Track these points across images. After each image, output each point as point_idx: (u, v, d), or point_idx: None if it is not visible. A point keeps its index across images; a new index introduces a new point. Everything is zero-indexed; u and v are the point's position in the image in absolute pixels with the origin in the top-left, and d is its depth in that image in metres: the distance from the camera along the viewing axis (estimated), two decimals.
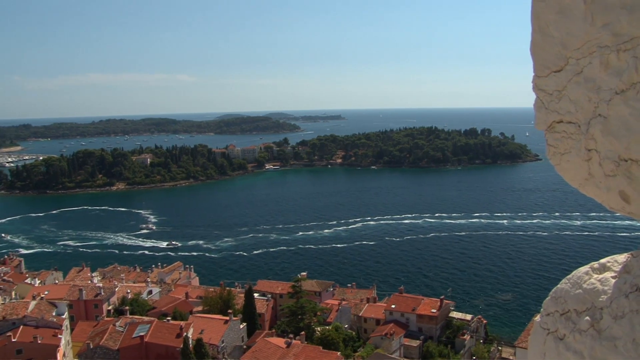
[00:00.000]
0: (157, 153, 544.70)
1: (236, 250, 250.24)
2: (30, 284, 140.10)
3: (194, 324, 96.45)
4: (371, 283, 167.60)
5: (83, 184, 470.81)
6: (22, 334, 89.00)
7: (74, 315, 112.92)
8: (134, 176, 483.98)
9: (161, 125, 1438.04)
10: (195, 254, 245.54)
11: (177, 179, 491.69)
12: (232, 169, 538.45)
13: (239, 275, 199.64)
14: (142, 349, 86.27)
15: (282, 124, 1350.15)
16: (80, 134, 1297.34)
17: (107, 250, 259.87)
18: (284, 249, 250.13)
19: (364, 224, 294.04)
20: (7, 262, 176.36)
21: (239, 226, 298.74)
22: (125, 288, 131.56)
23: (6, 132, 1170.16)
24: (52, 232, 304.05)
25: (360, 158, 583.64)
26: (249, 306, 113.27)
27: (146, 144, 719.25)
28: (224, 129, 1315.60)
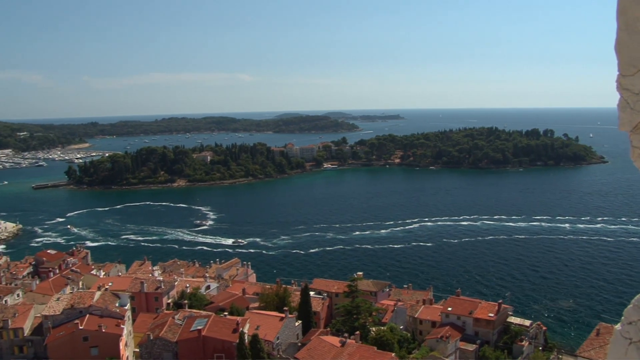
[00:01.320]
0: (217, 151, 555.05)
1: (293, 248, 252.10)
2: (96, 275, 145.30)
3: (250, 320, 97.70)
4: (427, 285, 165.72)
5: (146, 180, 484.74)
6: (88, 322, 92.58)
7: (135, 307, 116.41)
8: (195, 173, 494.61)
9: (221, 124, 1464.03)
10: (252, 251, 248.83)
11: (236, 176, 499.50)
12: (290, 167, 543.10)
13: (296, 273, 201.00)
14: (200, 343, 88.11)
15: (340, 123, 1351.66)
16: (143, 132, 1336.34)
17: (167, 245, 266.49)
18: (340, 248, 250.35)
19: (421, 225, 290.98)
20: (75, 253, 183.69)
21: (296, 224, 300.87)
22: (185, 282, 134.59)
23: (76, 130, 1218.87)
24: (116, 226, 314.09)
25: (418, 158, 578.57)
26: (304, 304, 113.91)
27: (207, 142, 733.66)
28: (283, 127, 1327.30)
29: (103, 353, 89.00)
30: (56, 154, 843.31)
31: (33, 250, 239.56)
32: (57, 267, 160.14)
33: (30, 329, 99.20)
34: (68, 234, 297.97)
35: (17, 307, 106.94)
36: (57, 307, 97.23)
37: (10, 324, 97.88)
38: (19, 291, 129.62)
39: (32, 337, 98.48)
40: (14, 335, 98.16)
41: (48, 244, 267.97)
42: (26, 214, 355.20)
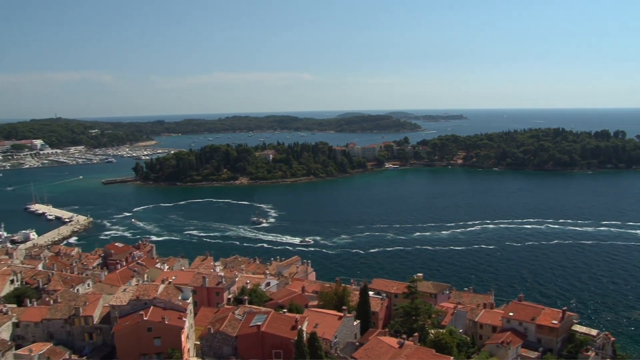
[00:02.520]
0: (279, 149, 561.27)
1: (352, 248, 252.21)
2: (160, 268, 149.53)
3: (309, 318, 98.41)
4: (489, 288, 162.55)
5: (209, 177, 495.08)
6: (152, 314, 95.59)
7: (197, 301, 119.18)
8: (257, 171, 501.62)
9: (284, 123, 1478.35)
10: (312, 250, 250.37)
11: (297, 175, 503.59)
12: (352, 166, 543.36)
13: (355, 273, 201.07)
14: (259, 338, 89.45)
15: (402, 123, 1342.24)
16: (207, 130, 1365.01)
17: (229, 241, 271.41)
18: (400, 249, 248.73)
19: (483, 227, 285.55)
20: (141, 247, 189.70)
21: (356, 224, 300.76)
22: (245, 278, 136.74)
23: (143, 128, 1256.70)
24: (180, 222, 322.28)
25: (481, 159, 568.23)
26: (363, 304, 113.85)
27: (269, 140, 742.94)
28: (345, 127, 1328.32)
29: (165, 344, 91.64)
30: (125, 150, 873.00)
31: (102, 242, 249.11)
32: (124, 260, 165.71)
33: (99, 318, 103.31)
34: (134, 228, 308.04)
35: (88, 296, 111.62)
36: (123, 297, 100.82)
37: (81, 312, 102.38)
38: (89, 281, 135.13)
39: (101, 325, 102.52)
40: (85, 322, 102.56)
41: (116, 237, 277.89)
42: (96, 207, 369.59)
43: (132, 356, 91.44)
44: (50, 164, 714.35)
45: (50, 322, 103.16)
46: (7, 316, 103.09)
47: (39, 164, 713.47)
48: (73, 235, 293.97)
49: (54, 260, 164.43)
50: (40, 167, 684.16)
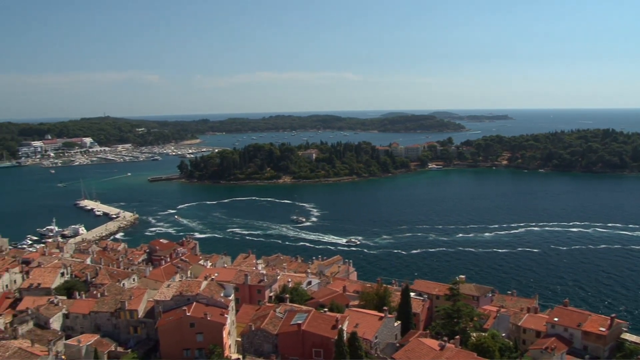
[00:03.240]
0: (322, 149, 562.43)
1: (394, 248, 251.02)
2: (203, 265, 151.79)
3: (350, 318, 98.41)
4: (533, 292, 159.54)
5: (252, 176, 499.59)
6: (195, 310, 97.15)
7: (239, 298, 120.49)
8: (300, 170, 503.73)
9: (327, 122, 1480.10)
10: (354, 249, 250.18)
11: (340, 174, 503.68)
12: (394, 166, 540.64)
13: (396, 273, 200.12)
14: (299, 337, 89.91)
15: (446, 123, 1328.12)
16: (251, 129, 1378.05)
17: (271, 239, 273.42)
18: (442, 250, 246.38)
19: (528, 230, 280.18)
20: (185, 244, 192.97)
21: (398, 224, 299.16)
22: (287, 277, 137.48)
23: (188, 127, 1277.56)
24: (223, 220, 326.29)
25: (527, 160, 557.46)
26: (404, 305, 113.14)
27: (312, 139, 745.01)
28: (388, 126, 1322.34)
29: (207, 340, 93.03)
30: (170, 149, 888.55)
31: (147, 238, 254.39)
32: (168, 256, 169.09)
33: (143, 312, 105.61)
34: (178, 225, 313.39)
35: (133, 290, 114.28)
36: (167, 293, 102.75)
37: (126, 306, 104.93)
38: (135, 276, 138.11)
39: (145, 319, 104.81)
40: (130, 316, 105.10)
41: (160, 233, 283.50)
42: (142, 204, 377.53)
43: (175, 350, 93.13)
44: (98, 161, 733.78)
45: (97, 314, 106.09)
46: (58, 307, 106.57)
47: (88, 161, 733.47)
48: (120, 231, 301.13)
49: (101, 255, 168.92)
50: (90, 164, 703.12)
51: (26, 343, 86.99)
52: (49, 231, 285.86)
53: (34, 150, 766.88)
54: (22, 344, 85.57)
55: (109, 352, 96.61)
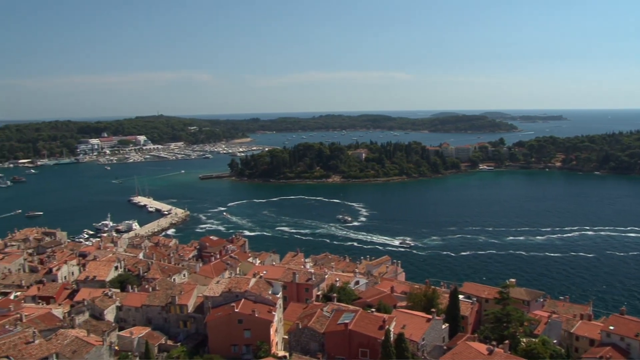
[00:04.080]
0: (372, 148, 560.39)
1: (443, 250, 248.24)
2: (252, 262, 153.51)
3: (397, 319, 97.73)
4: (587, 299, 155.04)
5: (302, 174, 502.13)
6: (243, 307, 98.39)
7: (286, 296, 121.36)
8: (349, 170, 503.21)
9: (377, 122, 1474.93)
10: (402, 250, 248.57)
11: (390, 174, 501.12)
12: (444, 167, 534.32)
13: (445, 275, 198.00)
14: (346, 336, 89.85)
15: (498, 123, 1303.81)
16: (301, 128, 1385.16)
17: (319, 238, 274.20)
18: (492, 253, 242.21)
19: (582, 234, 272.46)
20: (234, 241, 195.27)
21: (447, 225, 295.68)
22: (335, 276, 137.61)
23: (239, 125, 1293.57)
24: (272, 218, 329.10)
25: (582, 162, 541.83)
26: (453, 307, 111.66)
27: (362, 139, 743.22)
28: (439, 126, 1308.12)
29: (255, 336, 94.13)
30: (221, 147, 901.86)
31: (198, 235, 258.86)
32: (218, 253, 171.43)
33: (193, 307, 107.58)
34: (228, 222, 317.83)
35: (183, 285, 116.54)
36: (216, 289, 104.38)
37: (177, 301, 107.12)
38: (185, 272, 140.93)
39: (195, 314, 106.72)
40: (180, 310, 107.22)
41: (211, 230, 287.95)
42: (193, 201, 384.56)
43: (223, 346, 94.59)
44: (152, 158, 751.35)
45: (149, 308, 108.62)
46: (112, 300, 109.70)
47: (142, 158, 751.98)
48: (171, 227, 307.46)
49: (153, 250, 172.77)
50: (143, 161, 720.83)
51: (82, 332, 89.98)
52: (104, 226, 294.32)
53: (91, 147, 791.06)
54: (78, 333, 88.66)
55: (159, 345, 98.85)
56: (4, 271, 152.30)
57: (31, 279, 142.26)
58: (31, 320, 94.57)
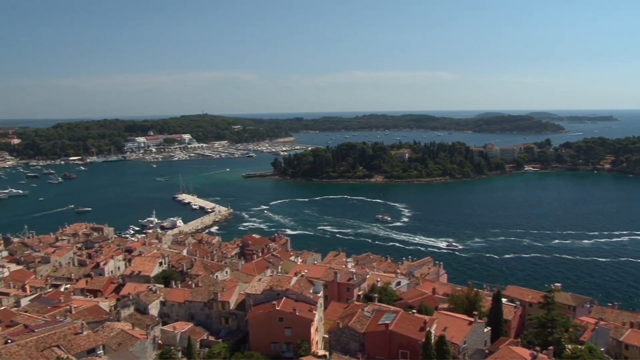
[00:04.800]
0: (415, 149, 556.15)
1: (486, 252, 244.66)
2: (294, 261, 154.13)
3: (438, 320, 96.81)
4: (637, 306, 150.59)
5: (344, 174, 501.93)
6: (284, 305, 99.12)
7: (327, 295, 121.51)
8: (392, 170, 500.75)
9: (420, 122, 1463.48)
10: (445, 251, 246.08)
11: (433, 175, 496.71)
12: (489, 168, 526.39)
13: (488, 278, 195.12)
14: (386, 337, 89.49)
15: (544, 124, 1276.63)
16: (344, 128, 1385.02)
17: (361, 238, 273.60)
18: (537, 256, 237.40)
19: (632, 239, 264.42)
20: (277, 239, 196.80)
21: (490, 227, 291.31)
22: (376, 276, 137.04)
23: (282, 125, 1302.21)
24: (314, 217, 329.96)
25: (633, 164, 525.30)
26: (495, 310, 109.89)
27: (405, 139, 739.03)
28: (483, 127, 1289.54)
29: (295, 334, 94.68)
30: (264, 146, 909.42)
31: (240, 233, 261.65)
32: (260, 251, 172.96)
33: (234, 304, 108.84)
34: (270, 221, 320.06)
35: (225, 282, 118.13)
36: (258, 287, 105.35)
37: (219, 297, 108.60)
38: (227, 269, 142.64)
39: (236, 311, 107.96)
40: (222, 307, 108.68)
41: (253, 228, 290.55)
42: (236, 199, 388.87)
43: (264, 343, 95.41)
44: (196, 157, 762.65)
45: (191, 304, 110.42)
46: (156, 295, 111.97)
47: (187, 156, 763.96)
48: (214, 225, 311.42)
49: (196, 247, 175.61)
50: (188, 159, 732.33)
51: (127, 326, 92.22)
52: (149, 222, 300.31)
53: (138, 145, 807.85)
54: (124, 326, 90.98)
55: (201, 340, 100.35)
56: (55, 264, 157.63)
57: (80, 273, 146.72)
58: (80, 312, 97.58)
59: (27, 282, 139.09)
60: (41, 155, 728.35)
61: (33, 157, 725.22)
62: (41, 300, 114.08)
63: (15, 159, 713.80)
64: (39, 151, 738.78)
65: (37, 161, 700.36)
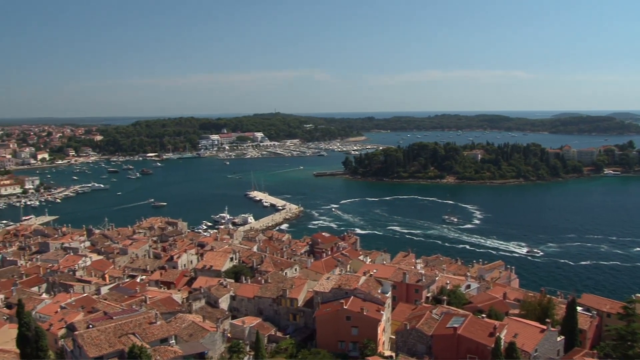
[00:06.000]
0: (488, 150, 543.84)
1: (561, 257, 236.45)
2: (363, 260, 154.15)
3: (509, 326, 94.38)
4: None
5: (415, 174, 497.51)
6: (352, 304, 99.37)
7: (395, 296, 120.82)
8: (464, 171, 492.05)
9: (494, 122, 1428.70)
10: (517, 255, 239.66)
11: (506, 177, 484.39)
12: (565, 171, 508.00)
13: (562, 284, 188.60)
14: (454, 340, 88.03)
15: (627, 125, 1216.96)
16: (416, 127, 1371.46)
17: (430, 239, 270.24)
18: (616, 264, 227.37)
19: None
20: (346, 238, 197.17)
21: (566, 232, 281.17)
22: (445, 279, 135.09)
23: (354, 124, 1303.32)
24: (384, 217, 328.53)
25: None
26: (570, 319, 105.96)
27: (478, 139, 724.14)
28: (560, 128, 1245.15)
29: (362, 334, 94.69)
30: (335, 145, 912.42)
31: (310, 231, 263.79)
32: (330, 249, 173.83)
33: (303, 301, 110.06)
34: (340, 220, 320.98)
35: (294, 279, 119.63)
36: (326, 285, 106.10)
37: (287, 294, 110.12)
38: (296, 266, 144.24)
39: (304, 308, 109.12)
40: (290, 304, 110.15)
41: (322, 227, 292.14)
42: (307, 197, 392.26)
43: (330, 341, 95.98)
44: (268, 155, 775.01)
45: (260, 299, 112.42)
46: (227, 289, 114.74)
47: (259, 154, 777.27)
48: (284, 222, 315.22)
49: (267, 243, 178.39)
50: (260, 157, 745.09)
51: (198, 318, 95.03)
52: (222, 218, 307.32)
53: (212, 143, 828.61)
54: (195, 318, 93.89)
55: (269, 335, 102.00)
56: (132, 256, 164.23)
57: (155, 265, 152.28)
58: (154, 302, 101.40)
59: (106, 271, 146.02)
60: (121, 151, 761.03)
61: (114, 153, 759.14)
62: (119, 289, 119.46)
63: (97, 155, 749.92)
64: (119, 148, 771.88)
65: (117, 157, 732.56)
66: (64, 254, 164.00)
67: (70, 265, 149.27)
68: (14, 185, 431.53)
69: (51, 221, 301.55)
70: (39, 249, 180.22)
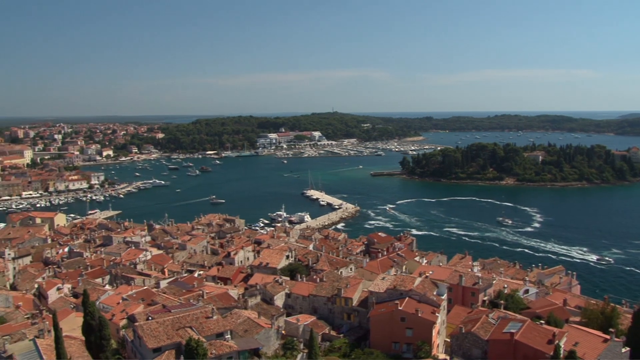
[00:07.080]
0: (550, 151, 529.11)
1: (627, 264, 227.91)
2: (418, 262, 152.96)
3: (569, 334, 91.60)
4: None
5: (474, 175, 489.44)
6: (407, 305, 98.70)
7: (451, 298, 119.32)
8: (524, 173, 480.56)
9: (556, 123, 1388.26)
10: (578, 261, 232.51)
11: (568, 179, 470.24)
12: (632, 174, 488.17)
13: (627, 293, 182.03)
14: (511, 346, 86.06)
15: None
16: (475, 128, 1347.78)
17: (488, 242, 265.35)
18: None
19: None
20: (402, 239, 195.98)
21: (632, 238, 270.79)
22: (503, 282, 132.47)
23: (412, 124, 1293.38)
24: (441, 218, 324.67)
25: None
26: (636, 330, 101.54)
27: (539, 141, 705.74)
28: (627, 129, 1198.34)
29: (417, 336, 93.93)
30: (393, 145, 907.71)
31: (366, 231, 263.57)
32: (385, 250, 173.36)
33: (357, 301, 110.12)
34: (396, 220, 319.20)
35: (349, 279, 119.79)
36: (381, 285, 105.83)
37: (342, 293, 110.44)
38: (352, 266, 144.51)
39: (359, 308, 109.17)
40: (345, 303, 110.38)
41: (379, 227, 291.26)
42: (363, 197, 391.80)
43: (384, 342, 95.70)
44: (325, 154, 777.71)
45: (315, 298, 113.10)
46: (282, 287, 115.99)
47: (316, 153, 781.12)
48: (341, 222, 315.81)
49: (323, 242, 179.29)
50: (317, 156, 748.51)
51: (254, 314, 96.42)
52: (278, 216, 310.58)
53: (270, 141, 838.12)
54: (250, 314, 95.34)
55: (323, 334, 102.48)
56: (190, 251, 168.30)
57: (212, 261, 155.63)
58: (210, 297, 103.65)
59: (165, 266, 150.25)
60: (181, 149, 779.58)
61: (174, 150, 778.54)
62: (177, 283, 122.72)
63: (159, 152, 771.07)
64: (179, 145, 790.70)
65: (177, 155, 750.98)
66: (126, 247, 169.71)
67: (131, 259, 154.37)
68: (81, 181, 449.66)
69: (114, 215, 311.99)
70: (103, 242, 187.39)
